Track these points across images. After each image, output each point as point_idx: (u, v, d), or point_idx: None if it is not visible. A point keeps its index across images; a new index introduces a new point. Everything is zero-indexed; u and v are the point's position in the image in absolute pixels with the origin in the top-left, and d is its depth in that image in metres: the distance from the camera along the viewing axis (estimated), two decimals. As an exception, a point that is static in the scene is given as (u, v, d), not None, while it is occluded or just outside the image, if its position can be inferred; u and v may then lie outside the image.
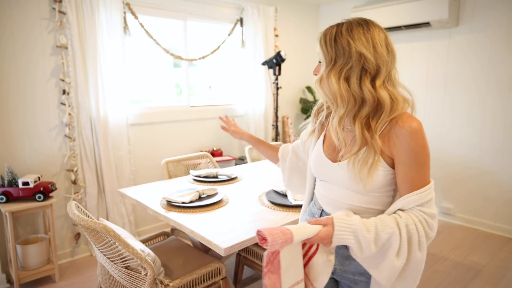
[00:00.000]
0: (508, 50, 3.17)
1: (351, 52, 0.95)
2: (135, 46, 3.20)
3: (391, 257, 0.93)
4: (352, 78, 0.96)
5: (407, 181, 0.96)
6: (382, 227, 0.92)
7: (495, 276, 2.66)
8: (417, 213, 0.95)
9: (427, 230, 0.95)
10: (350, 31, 0.96)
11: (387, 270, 0.94)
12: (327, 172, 1.10)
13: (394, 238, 0.92)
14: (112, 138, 2.95)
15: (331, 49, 0.97)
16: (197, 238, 1.58)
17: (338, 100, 0.98)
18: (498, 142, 3.31)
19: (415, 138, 0.94)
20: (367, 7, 3.87)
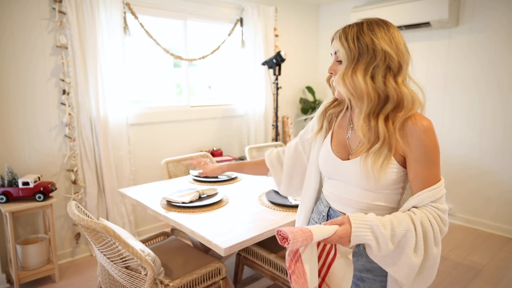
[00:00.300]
0: (508, 50, 3.17)
1: (376, 50, 0.98)
2: (135, 46, 3.20)
3: (409, 253, 0.93)
4: (378, 76, 0.99)
5: (419, 178, 0.98)
6: (398, 223, 0.93)
7: (495, 276, 2.66)
8: (430, 210, 0.97)
9: (441, 226, 0.97)
10: (372, 30, 0.99)
11: (406, 267, 0.94)
12: (336, 170, 1.11)
13: (410, 234, 0.93)
14: (112, 138, 2.95)
15: (354, 46, 0.99)
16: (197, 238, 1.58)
17: (364, 97, 0.99)
18: (498, 142, 3.31)
19: (429, 136, 0.97)
20: (367, 7, 3.87)
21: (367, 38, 0.98)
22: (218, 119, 3.80)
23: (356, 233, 0.92)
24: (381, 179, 1.00)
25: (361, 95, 0.99)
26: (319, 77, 4.71)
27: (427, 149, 0.97)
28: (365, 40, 0.98)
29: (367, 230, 0.92)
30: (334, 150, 1.13)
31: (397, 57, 0.99)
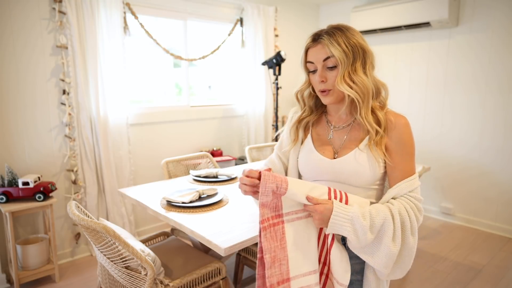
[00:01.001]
0: (508, 50, 3.17)
1: (364, 50, 1.07)
2: (135, 46, 3.20)
3: (388, 242, 0.98)
4: (370, 72, 1.09)
5: (399, 169, 1.07)
6: (376, 213, 0.98)
7: (495, 276, 2.65)
8: (408, 200, 1.04)
9: (417, 215, 1.03)
10: (351, 33, 1.07)
11: (385, 256, 0.99)
12: (324, 171, 1.14)
13: (388, 224, 0.98)
14: (112, 138, 2.95)
15: (348, 49, 1.05)
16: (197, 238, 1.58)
17: (370, 92, 1.07)
18: (498, 142, 3.31)
19: (407, 131, 1.08)
20: (367, 7, 3.87)
21: (354, 40, 1.06)
22: (218, 119, 3.80)
23: (334, 220, 0.97)
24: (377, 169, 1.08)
25: (367, 91, 1.06)
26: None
27: (406, 142, 1.07)
28: (353, 42, 1.06)
29: (347, 221, 0.97)
30: (319, 151, 1.18)
31: (373, 54, 1.10)
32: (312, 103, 1.22)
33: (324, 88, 1.10)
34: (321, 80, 1.09)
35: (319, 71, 1.09)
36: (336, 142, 1.17)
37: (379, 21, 3.80)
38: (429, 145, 3.75)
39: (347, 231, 0.96)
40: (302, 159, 1.22)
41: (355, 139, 1.12)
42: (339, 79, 1.05)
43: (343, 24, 1.10)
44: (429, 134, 3.75)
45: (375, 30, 3.88)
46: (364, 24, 3.93)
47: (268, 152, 3.32)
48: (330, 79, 1.08)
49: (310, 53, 1.12)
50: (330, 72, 1.08)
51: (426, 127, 3.77)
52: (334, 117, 1.20)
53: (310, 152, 1.19)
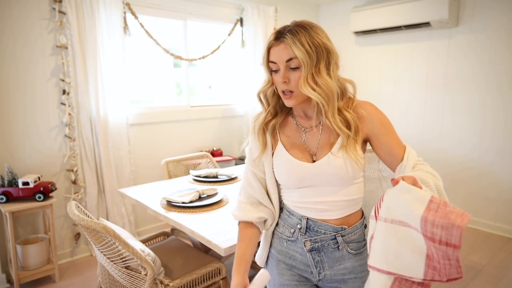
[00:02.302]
0: (508, 50, 3.17)
1: (328, 50, 1.02)
2: (135, 46, 3.20)
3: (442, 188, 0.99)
4: (335, 73, 1.04)
5: (394, 146, 1.06)
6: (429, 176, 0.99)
7: (495, 276, 2.66)
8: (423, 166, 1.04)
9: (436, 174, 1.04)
10: (315, 32, 1.02)
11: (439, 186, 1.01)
12: (307, 177, 1.07)
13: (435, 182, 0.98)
14: (112, 138, 2.95)
15: (312, 50, 0.99)
16: (197, 238, 1.58)
17: (334, 94, 1.02)
18: (499, 142, 3.31)
19: (378, 112, 1.08)
20: (367, 7, 3.87)
21: (318, 40, 1.01)
22: (218, 119, 3.80)
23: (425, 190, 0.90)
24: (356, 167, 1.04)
25: (331, 93, 1.01)
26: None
27: (384, 121, 1.07)
28: (317, 42, 1.00)
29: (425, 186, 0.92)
30: (296, 157, 1.09)
31: (337, 53, 1.05)
32: (276, 103, 1.14)
33: (286, 89, 1.04)
34: (283, 81, 1.03)
35: (281, 72, 1.03)
36: (311, 144, 1.10)
37: (379, 21, 3.79)
38: (429, 145, 3.75)
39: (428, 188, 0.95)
40: (278, 168, 1.12)
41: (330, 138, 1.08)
42: (302, 81, 1.00)
43: (307, 22, 1.04)
44: (429, 134, 3.74)
45: (375, 30, 3.88)
46: (364, 24, 3.93)
47: (268, 152, 3.32)
48: (293, 81, 1.02)
49: (272, 52, 1.04)
50: (293, 73, 1.02)
51: (426, 127, 3.77)
52: (303, 118, 1.13)
53: (287, 159, 1.10)
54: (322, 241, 1.08)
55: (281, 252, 1.15)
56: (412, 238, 0.82)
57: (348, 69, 4.32)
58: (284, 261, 1.14)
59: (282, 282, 1.15)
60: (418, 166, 1.04)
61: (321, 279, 1.12)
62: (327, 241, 1.08)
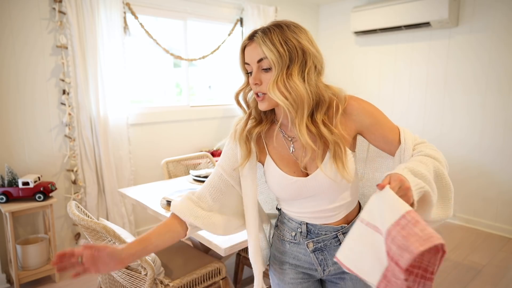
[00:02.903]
0: (508, 50, 3.17)
1: (304, 52, 0.93)
2: (135, 46, 3.20)
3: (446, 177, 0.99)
4: (311, 77, 0.95)
5: (388, 133, 1.01)
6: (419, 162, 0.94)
7: (495, 276, 2.65)
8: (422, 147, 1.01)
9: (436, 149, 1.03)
10: (294, 32, 0.94)
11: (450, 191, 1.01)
12: (303, 190, 1.03)
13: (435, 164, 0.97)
14: (112, 138, 2.95)
15: (284, 50, 0.92)
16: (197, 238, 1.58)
17: (304, 101, 0.93)
18: (499, 142, 3.31)
19: (362, 102, 1.01)
20: (367, 7, 3.87)
21: (294, 40, 0.92)
22: (218, 119, 3.79)
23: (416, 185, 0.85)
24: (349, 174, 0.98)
25: (300, 100, 0.93)
26: (319, 77, 4.71)
27: (371, 110, 1.01)
28: (292, 42, 0.92)
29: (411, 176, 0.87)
30: (287, 172, 1.03)
31: (319, 56, 0.97)
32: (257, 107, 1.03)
33: (258, 91, 0.97)
34: (254, 83, 0.96)
35: (253, 73, 0.97)
36: (300, 154, 1.02)
37: (379, 21, 3.79)
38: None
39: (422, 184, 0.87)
40: (273, 184, 1.07)
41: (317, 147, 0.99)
42: (271, 84, 0.92)
43: (286, 21, 0.96)
44: (429, 134, 3.74)
45: (375, 30, 3.88)
46: (364, 24, 3.93)
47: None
48: (265, 82, 0.95)
49: (246, 53, 0.98)
50: (265, 75, 0.95)
51: (426, 127, 3.77)
52: (287, 126, 1.03)
53: (279, 176, 1.04)
54: (325, 241, 1.08)
55: (284, 253, 1.15)
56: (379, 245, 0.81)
57: (348, 69, 4.33)
58: (288, 261, 1.14)
59: (287, 280, 1.15)
60: (417, 147, 1.00)
61: (327, 275, 1.13)
62: (329, 240, 1.08)
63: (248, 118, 1.08)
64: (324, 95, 0.97)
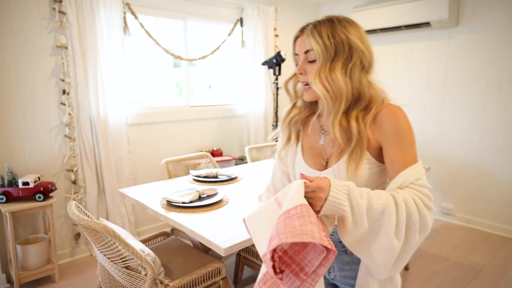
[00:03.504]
0: (508, 49, 3.17)
1: (351, 47, 0.96)
2: (135, 46, 3.20)
3: (389, 235, 0.83)
4: (355, 73, 0.97)
5: (398, 160, 0.94)
6: (376, 197, 0.84)
7: (495, 276, 2.65)
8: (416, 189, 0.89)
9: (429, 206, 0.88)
10: (344, 27, 0.96)
11: (385, 252, 0.84)
12: None
13: (389, 212, 0.83)
14: (112, 138, 2.95)
15: (330, 43, 0.95)
16: (197, 238, 1.58)
17: (342, 96, 0.95)
18: (499, 142, 3.31)
19: (399, 119, 0.95)
20: (367, 7, 3.87)
21: (342, 35, 0.95)
22: (218, 119, 3.80)
23: (333, 193, 0.82)
24: (360, 180, 0.96)
25: (339, 94, 0.95)
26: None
27: (400, 131, 0.94)
28: (340, 36, 0.95)
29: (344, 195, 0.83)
30: (308, 162, 1.07)
31: (368, 53, 0.99)
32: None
33: (303, 81, 1.02)
34: (300, 72, 1.01)
35: (300, 63, 1.01)
36: (327, 148, 1.05)
37: (379, 21, 3.79)
38: (429, 145, 3.75)
39: (345, 207, 0.82)
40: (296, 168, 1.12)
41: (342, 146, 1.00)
42: (314, 74, 0.96)
43: (339, 16, 0.99)
44: (429, 134, 3.74)
45: (375, 30, 3.88)
46: (364, 24, 3.89)
47: (268, 152, 3.32)
48: (309, 73, 0.99)
49: (296, 44, 1.03)
50: (310, 66, 0.99)
51: (426, 127, 3.77)
52: (325, 119, 1.07)
53: (299, 164, 1.09)
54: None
55: None
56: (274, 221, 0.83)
57: (348, 69, 4.33)
58: None
59: None
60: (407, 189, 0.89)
61: (334, 279, 1.13)
62: (335, 243, 1.07)
63: (292, 107, 1.13)
64: (366, 93, 0.98)
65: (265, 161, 3.02)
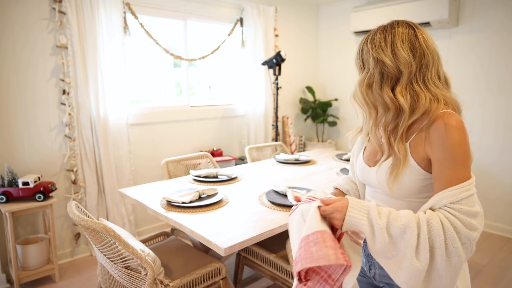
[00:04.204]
0: (508, 50, 3.17)
1: (369, 60, 1.00)
2: (135, 46, 3.20)
3: (409, 254, 0.84)
4: (374, 85, 1.00)
5: (440, 179, 0.90)
6: (396, 217, 0.87)
7: (495, 276, 2.66)
8: (447, 210, 0.86)
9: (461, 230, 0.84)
10: (372, 38, 1.00)
11: (406, 271, 0.85)
12: (366, 176, 1.11)
13: (410, 232, 0.84)
14: (112, 138, 2.95)
15: (359, 58, 1.04)
16: (197, 238, 1.58)
17: (365, 106, 1.03)
18: (498, 142, 3.31)
19: (451, 134, 0.90)
20: (367, 7, 3.87)
21: (365, 49, 1.01)
22: (218, 119, 3.80)
23: (351, 213, 0.88)
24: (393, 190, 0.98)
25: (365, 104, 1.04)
26: (319, 77, 4.71)
27: (448, 147, 0.89)
28: (363, 50, 1.02)
29: (363, 214, 0.87)
30: (365, 158, 1.14)
31: (393, 63, 0.96)
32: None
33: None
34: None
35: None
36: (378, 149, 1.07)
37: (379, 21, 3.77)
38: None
39: (364, 225, 0.86)
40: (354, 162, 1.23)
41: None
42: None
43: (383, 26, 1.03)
44: (429, 134, 3.74)
45: (375, 30, 3.88)
46: (364, 24, 3.93)
47: (268, 152, 3.32)
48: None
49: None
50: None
51: (426, 127, 3.77)
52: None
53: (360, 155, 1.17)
54: None
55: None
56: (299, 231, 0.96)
57: (348, 69, 4.33)
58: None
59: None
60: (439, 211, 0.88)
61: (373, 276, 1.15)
62: None
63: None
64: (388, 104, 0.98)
65: (265, 161, 3.02)
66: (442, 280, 0.86)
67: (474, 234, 0.85)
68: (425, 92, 0.96)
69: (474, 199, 0.88)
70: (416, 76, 0.97)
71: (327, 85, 4.63)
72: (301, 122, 4.67)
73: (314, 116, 4.48)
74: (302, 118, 4.64)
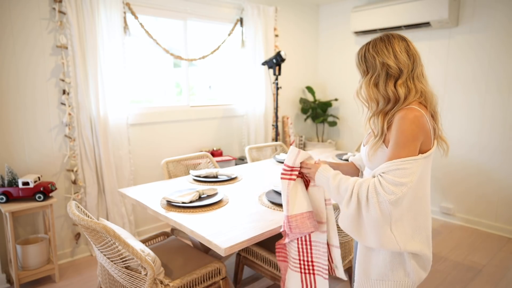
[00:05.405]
0: (508, 50, 3.17)
1: (375, 64, 1.26)
2: (135, 46, 3.20)
3: (343, 204, 1.23)
4: (380, 83, 1.26)
5: (387, 155, 1.22)
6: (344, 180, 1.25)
7: (495, 276, 2.66)
8: (378, 177, 1.19)
9: (379, 192, 1.15)
10: (374, 47, 1.27)
11: (341, 214, 1.27)
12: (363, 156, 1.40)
13: (346, 189, 1.22)
14: (112, 138, 2.95)
15: (363, 64, 1.29)
16: (197, 238, 1.58)
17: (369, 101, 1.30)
18: (498, 142, 3.31)
19: (401, 122, 1.19)
20: (367, 7, 3.87)
21: (370, 55, 1.27)
22: (218, 119, 3.80)
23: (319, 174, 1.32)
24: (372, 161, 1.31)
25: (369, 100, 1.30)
26: (319, 77, 4.71)
27: (396, 132, 1.20)
28: (369, 57, 1.27)
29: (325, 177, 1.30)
30: (365, 141, 1.43)
31: (395, 65, 1.24)
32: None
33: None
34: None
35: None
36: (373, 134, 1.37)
37: (379, 21, 3.80)
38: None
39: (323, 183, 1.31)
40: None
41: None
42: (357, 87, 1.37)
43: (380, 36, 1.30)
44: (429, 134, 3.74)
45: (375, 30, 3.88)
46: (364, 24, 3.93)
47: (268, 152, 3.32)
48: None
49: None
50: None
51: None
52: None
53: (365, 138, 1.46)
54: None
55: None
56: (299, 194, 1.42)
57: (348, 69, 4.33)
58: None
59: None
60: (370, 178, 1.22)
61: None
62: None
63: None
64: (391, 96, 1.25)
65: (265, 161, 3.02)
66: (366, 227, 1.21)
67: (390, 197, 1.13)
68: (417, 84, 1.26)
69: (405, 173, 1.15)
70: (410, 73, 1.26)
71: (327, 85, 4.63)
72: (301, 122, 4.67)
73: (314, 116, 4.48)
74: (302, 118, 4.64)
